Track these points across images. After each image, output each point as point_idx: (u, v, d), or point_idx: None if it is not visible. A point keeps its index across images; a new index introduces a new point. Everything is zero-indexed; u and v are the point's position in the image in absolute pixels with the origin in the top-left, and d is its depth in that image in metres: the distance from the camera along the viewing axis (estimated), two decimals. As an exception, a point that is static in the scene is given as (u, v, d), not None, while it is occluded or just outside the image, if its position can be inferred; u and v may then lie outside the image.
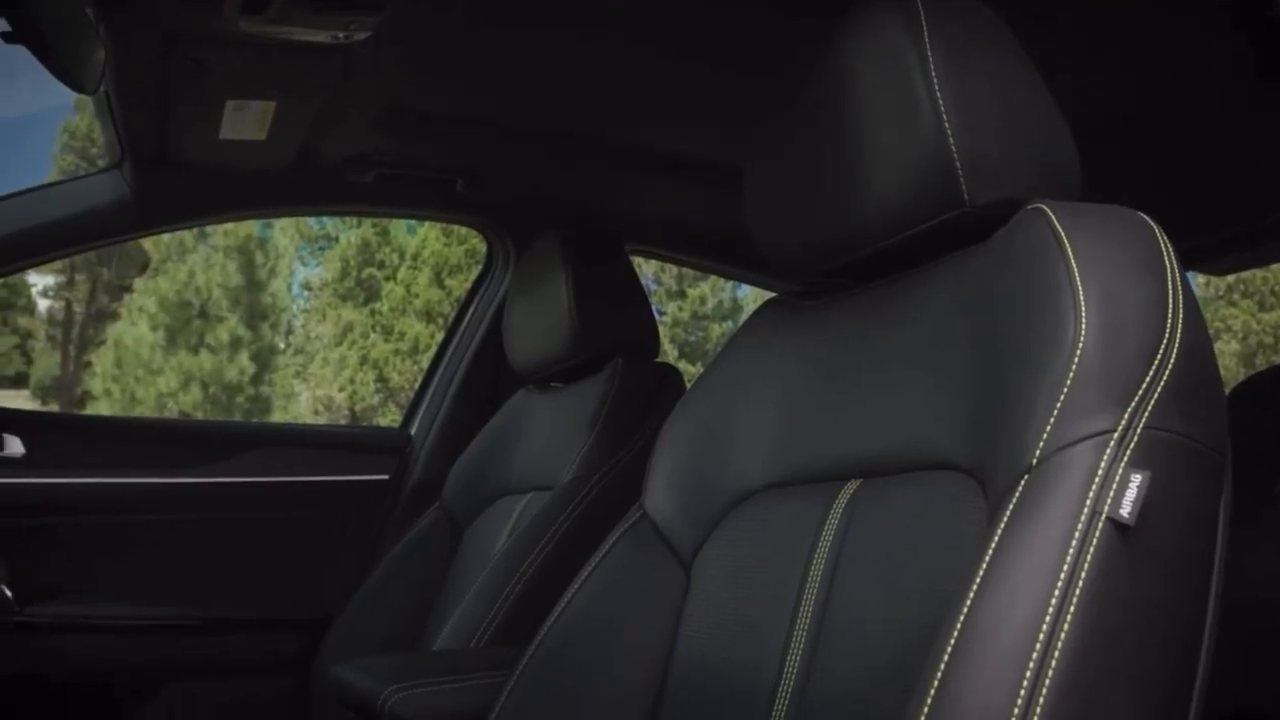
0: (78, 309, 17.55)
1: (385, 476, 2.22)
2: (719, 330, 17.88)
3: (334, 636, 1.91)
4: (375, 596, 1.92)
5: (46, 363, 17.23)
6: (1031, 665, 0.63)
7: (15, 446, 1.89)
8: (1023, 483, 0.72)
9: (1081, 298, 0.76)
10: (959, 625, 0.67)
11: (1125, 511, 0.67)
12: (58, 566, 1.87)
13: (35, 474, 1.89)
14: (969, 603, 0.68)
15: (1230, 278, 15.09)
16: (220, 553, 2.04)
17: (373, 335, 17.19)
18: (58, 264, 16.44)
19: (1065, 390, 0.73)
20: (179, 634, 1.96)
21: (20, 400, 15.07)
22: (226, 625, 2.01)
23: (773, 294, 1.21)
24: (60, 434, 1.98)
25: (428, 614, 1.85)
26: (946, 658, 0.66)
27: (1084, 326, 0.74)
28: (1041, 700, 0.62)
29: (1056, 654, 0.63)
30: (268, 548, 2.07)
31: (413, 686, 1.16)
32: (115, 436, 2.06)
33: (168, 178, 1.80)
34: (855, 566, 0.89)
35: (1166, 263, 0.78)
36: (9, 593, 0.95)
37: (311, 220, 17.78)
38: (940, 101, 0.90)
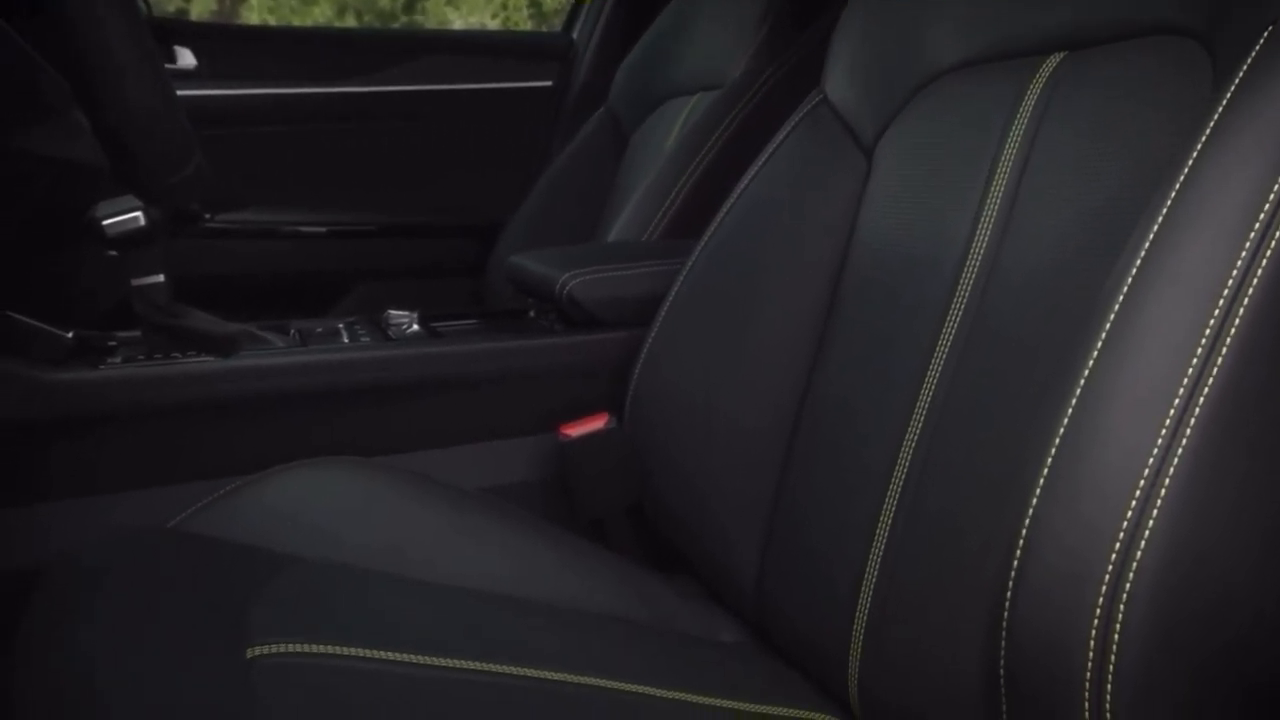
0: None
1: (549, 83, 2.19)
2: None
3: (506, 238, 1.96)
4: (545, 199, 1.95)
5: (204, -2, 17.27)
6: (1254, 234, 0.58)
7: (187, 58, 1.91)
8: (1263, 38, 0.64)
9: None
10: (1171, 197, 0.62)
11: None
12: (235, 177, 1.94)
13: (207, 85, 1.93)
14: (1186, 171, 0.62)
15: None
16: (393, 161, 2.08)
17: (523, -45, 16.58)
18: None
19: None
20: (358, 239, 2.05)
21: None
22: (403, 230, 2.08)
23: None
24: (229, 45, 2.00)
25: (598, 214, 1.87)
26: (1156, 228, 0.62)
27: None
28: (1259, 273, 0.58)
29: None
30: (439, 155, 2.10)
31: (591, 272, 1.17)
32: (283, 46, 2.07)
33: None
34: (1055, 143, 0.83)
35: None
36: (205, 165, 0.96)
37: None
38: None
